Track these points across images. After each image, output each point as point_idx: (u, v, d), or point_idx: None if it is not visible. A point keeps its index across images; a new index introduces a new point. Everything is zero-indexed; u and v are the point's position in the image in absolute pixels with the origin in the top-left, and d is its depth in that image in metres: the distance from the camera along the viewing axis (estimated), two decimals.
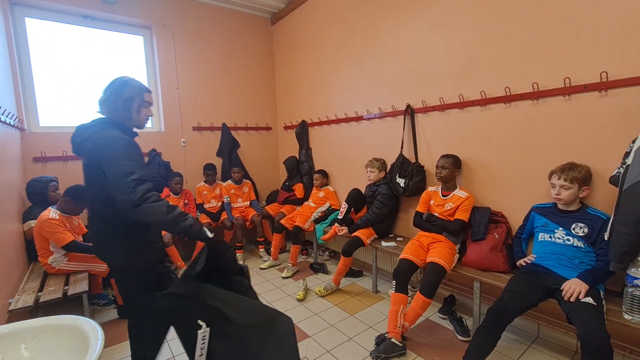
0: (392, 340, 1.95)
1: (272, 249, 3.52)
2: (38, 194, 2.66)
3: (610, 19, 1.68)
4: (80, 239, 2.49)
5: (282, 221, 3.50)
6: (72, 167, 3.14)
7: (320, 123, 3.77)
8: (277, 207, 3.95)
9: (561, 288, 1.61)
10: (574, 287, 1.56)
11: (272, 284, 3.07)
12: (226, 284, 1.34)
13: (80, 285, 2.16)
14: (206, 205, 3.76)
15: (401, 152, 2.82)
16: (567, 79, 1.83)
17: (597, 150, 1.78)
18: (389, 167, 2.90)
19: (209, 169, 3.78)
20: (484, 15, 2.20)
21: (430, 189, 2.48)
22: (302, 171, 4.00)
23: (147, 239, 1.52)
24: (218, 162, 4.05)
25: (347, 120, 3.39)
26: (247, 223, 3.73)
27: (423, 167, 2.70)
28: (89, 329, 1.16)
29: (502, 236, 2.10)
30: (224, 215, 3.69)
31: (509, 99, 2.10)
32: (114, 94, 1.48)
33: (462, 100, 2.36)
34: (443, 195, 2.36)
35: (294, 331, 1.31)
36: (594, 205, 1.79)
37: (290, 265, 3.28)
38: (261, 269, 3.43)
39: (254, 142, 4.42)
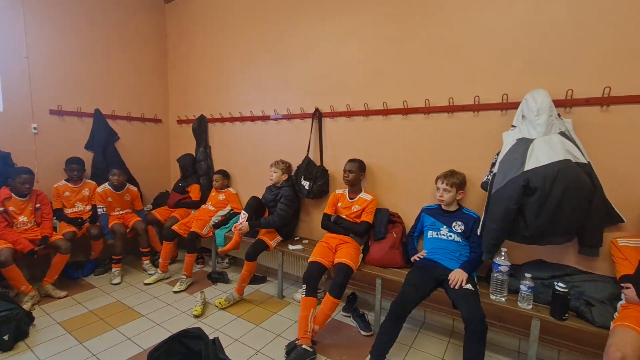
0: (303, 346, 1.89)
1: (160, 259, 3.04)
2: None
3: (484, 52, 2.05)
4: None
5: (174, 227, 3.06)
6: None
7: (222, 119, 3.48)
8: (168, 212, 3.44)
9: (448, 278, 1.86)
10: (458, 277, 1.83)
11: (161, 301, 2.63)
12: None
13: None
14: (68, 210, 2.98)
15: (307, 154, 2.83)
16: (451, 99, 2.16)
17: (471, 160, 2.14)
18: (294, 169, 2.87)
19: (73, 163, 3.01)
20: (386, 32, 2.40)
21: (337, 191, 2.56)
22: (199, 171, 3.60)
23: None
24: (88, 157, 3.27)
25: (253, 119, 3.22)
26: (128, 231, 3.13)
27: (327, 170, 2.77)
28: None
29: (399, 235, 2.32)
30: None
31: (406, 111, 2.35)
32: None
33: (366, 109, 2.52)
34: (350, 198, 2.46)
35: None
36: (468, 206, 2.15)
37: (184, 277, 2.88)
38: (146, 284, 2.91)
39: (139, 135, 3.76)
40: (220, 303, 2.53)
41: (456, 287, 1.79)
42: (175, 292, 2.77)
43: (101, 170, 3.27)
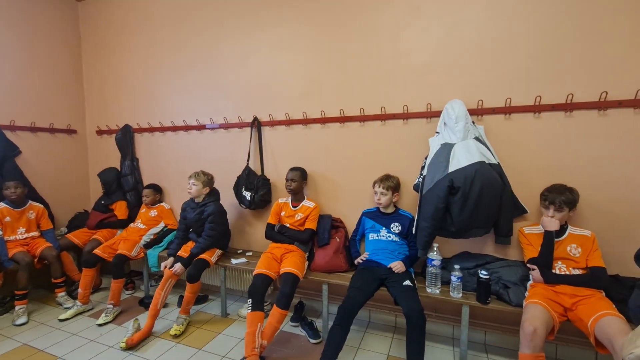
0: None
1: (80, 289, 2.65)
2: None
3: (409, 66, 2.24)
4: None
5: (96, 251, 2.70)
6: None
7: (152, 129, 3.22)
8: (87, 234, 3.04)
9: (390, 266, 2.04)
10: (399, 266, 2.02)
11: (81, 337, 2.29)
12: None
13: None
14: None
15: (247, 164, 2.76)
16: (383, 108, 2.31)
17: (403, 164, 2.30)
18: (234, 180, 2.77)
19: None
20: (321, 44, 2.48)
21: (280, 200, 2.54)
22: (126, 186, 3.26)
23: None
24: None
25: (187, 128, 3.04)
26: (35, 260, 2.67)
27: (269, 180, 2.74)
28: None
29: (342, 239, 2.38)
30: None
31: (343, 119, 2.44)
32: None
33: (305, 117, 2.56)
34: (293, 207, 2.46)
35: None
36: (403, 208, 2.30)
37: (111, 306, 2.55)
38: (61, 320, 2.50)
39: (47, 148, 3.27)
40: (177, 330, 2.28)
41: (397, 272, 2.00)
42: (100, 325, 2.44)
43: None
